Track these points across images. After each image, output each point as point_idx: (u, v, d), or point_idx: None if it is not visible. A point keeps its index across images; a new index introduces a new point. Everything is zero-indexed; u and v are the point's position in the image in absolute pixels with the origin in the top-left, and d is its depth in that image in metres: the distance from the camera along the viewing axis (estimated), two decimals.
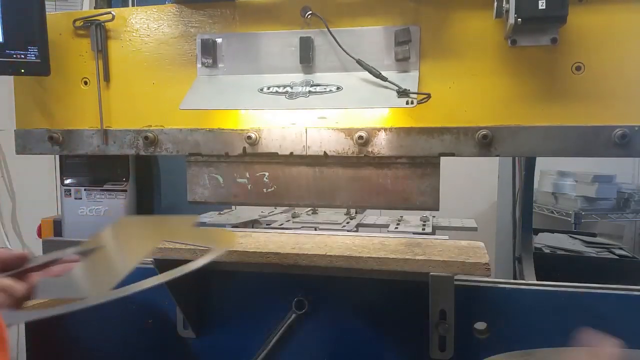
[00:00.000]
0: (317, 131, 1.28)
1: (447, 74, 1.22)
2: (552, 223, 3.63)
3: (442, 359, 1.23)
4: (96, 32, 1.34)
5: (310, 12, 1.25)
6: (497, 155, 1.21)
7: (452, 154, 1.23)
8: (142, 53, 1.37)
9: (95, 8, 1.48)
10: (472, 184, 3.68)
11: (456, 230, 1.85)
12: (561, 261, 2.48)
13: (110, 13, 1.35)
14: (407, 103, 1.15)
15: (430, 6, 1.22)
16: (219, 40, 1.31)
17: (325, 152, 1.28)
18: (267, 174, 1.33)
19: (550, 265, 2.28)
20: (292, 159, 1.31)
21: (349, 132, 1.27)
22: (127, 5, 1.62)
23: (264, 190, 1.33)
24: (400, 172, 1.27)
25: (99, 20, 1.35)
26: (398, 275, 1.20)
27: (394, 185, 1.28)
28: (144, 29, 1.36)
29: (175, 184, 1.67)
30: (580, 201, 3.60)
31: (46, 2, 1.29)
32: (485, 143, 1.20)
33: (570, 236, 2.94)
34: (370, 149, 1.26)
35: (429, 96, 1.17)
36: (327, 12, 1.25)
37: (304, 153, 1.29)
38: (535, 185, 3.48)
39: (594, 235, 3.00)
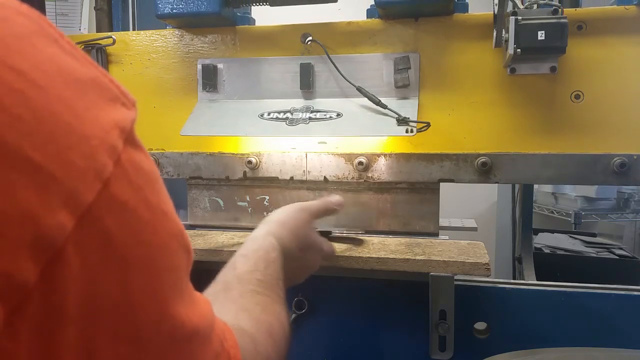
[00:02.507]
0: (317, 156, 1.29)
1: (447, 101, 1.23)
2: (552, 223, 3.64)
3: (442, 359, 1.24)
4: (97, 56, 1.35)
5: (311, 38, 1.25)
6: (496, 182, 1.22)
7: (452, 180, 1.24)
8: (142, 77, 1.37)
9: (96, 29, 1.47)
10: (472, 184, 3.69)
11: (456, 230, 1.85)
12: (561, 261, 2.49)
13: (111, 37, 1.35)
14: (406, 132, 1.16)
15: (429, 34, 1.22)
16: (219, 65, 1.32)
17: (325, 177, 1.29)
18: (267, 197, 1.34)
19: (550, 265, 2.29)
20: (293, 184, 1.32)
21: (349, 157, 1.28)
22: (127, 27, 1.62)
23: (265, 213, 1.34)
24: (400, 197, 1.28)
25: (99, 44, 1.35)
26: (398, 275, 1.20)
27: (393, 210, 1.29)
28: (145, 54, 1.37)
29: (175, 184, 1.67)
30: (580, 201, 3.60)
31: (46, 3, 1.28)
32: (485, 170, 1.21)
33: (570, 236, 2.94)
34: (370, 174, 1.27)
35: (428, 125, 1.18)
36: (327, 38, 1.25)
37: (304, 178, 1.30)
38: (535, 185, 3.49)
39: (594, 235, 3.00)
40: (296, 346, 1.40)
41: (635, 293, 1.21)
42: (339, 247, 1.23)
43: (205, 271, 1.38)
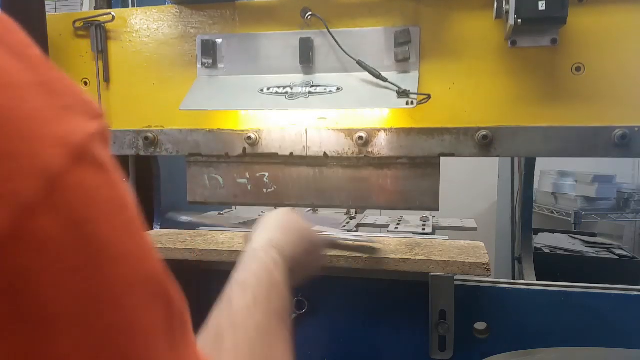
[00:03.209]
0: (317, 131, 1.29)
1: (447, 75, 1.22)
2: (552, 223, 3.63)
3: (442, 359, 1.23)
4: (96, 33, 1.34)
5: (310, 13, 1.25)
6: (497, 156, 1.21)
7: (452, 155, 1.23)
8: (142, 54, 1.37)
9: (95, 8, 1.47)
10: (472, 184, 3.69)
11: (456, 230, 1.85)
12: (561, 261, 2.48)
13: (110, 14, 1.35)
14: (407, 104, 1.15)
15: (430, 7, 1.22)
16: (218, 40, 1.31)
17: (325, 152, 1.29)
18: (267, 174, 1.33)
19: (550, 265, 2.28)
20: (292, 160, 1.31)
21: (349, 132, 1.27)
22: (127, 6, 1.62)
23: (264, 190, 1.33)
24: (400, 173, 1.27)
25: (98, 21, 1.35)
26: (398, 275, 1.21)
27: (394, 186, 1.28)
28: (144, 30, 1.36)
29: (175, 183, 1.67)
30: (580, 201, 3.60)
31: (46, 2, 1.28)
32: (485, 143, 1.20)
33: (570, 236, 2.94)
34: (370, 150, 1.26)
35: (428, 97, 1.17)
36: (327, 12, 1.25)
37: (304, 153, 1.29)
38: (535, 185, 3.48)
39: (594, 235, 2.99)
40: (296, 346, 1.39)
41: (635, 293, 1.21)
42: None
43: (205, 271, 1.39)
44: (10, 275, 0.27)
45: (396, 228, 1.75)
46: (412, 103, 1.15)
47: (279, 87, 1.25)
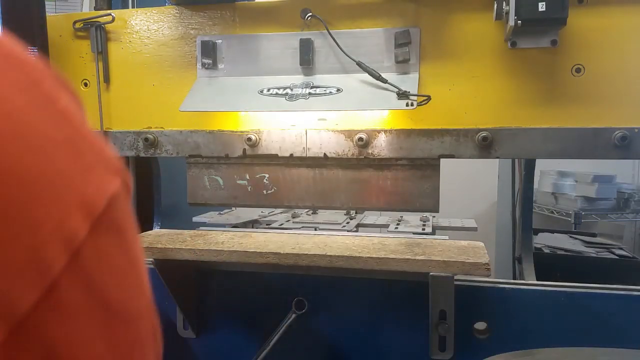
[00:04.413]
0: (317, 133, 1.29)
1: (447, 76, 1.22)
2: (552, 223, 3.63)
3: (442, 359, 1.23)
4: (96, 34, 1.35)
5: (310, 14, 1.25)
6: (497, 157, 1.22)
7: (452, 156, 1.23)
8: (142, 55, 1.37)
9: (95, 9, 1.47)
10: (472, 184, 3.68)
11: (456, 230, 1.85)
12: (561, 261, 2.48)
13: (110, 15, 1.35)
14: (407, 105, 1.16)
15: (430, 8, 1.22)
16: (219, 41, 1.31)
17: (325, 153, 1.29)
18: (267, 175, 1.33)
19: (550, 265, 2.28)
20: (292, 161, 1.31)
21: (348, 133, 1.27)
22: (127, 7, 1.62)
23: (264, 191, 1.33)
24: (400, 174, 1.27)
25: (99, 22, 1.35)
26: (398, 276, 1.20)
27: (394, 187, 1.28)
28: (143, 31, 1.36)
29: (175, 183, 1.67)
30: (580, 201, 3.60)
31: (46, 3, 1.29)
32: (485, 145, 1.20)
33: (570, 236, 2.94)
34: (370, 151, 1.26)
35: (428, 98, 1.17)
36: (327, 13, 1.25)
37: (304, 155, 1.30)
38: (535, 185, 3.48)
39: (594, 235, 2.99)
40: (296, 346, 1.39)
41: (635, 293, 1.21)
42: (338, 248, 1.22)
43: (206, 271, 1.39)
44: (43, 349, 0.27)
45: (396, 228, 1.75)
46: (412, 104, 1.15)
47: (279, 88, 1.25)
